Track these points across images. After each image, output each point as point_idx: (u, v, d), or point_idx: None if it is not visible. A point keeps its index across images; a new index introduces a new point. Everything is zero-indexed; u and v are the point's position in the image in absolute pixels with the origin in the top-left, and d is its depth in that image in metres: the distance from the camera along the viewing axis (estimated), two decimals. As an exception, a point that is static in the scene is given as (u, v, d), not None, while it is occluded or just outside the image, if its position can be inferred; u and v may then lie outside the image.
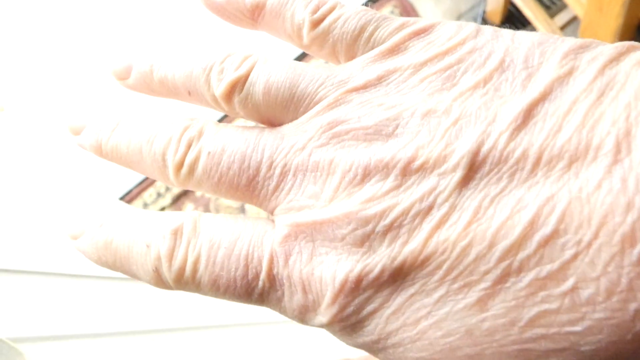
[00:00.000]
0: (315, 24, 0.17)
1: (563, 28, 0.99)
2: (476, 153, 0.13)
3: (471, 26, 0.15)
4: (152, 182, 1.24)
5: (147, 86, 0.18)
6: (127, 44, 1.28)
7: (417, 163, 0.13)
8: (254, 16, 0.18)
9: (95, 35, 1.30)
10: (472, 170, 0.13)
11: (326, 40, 0.17)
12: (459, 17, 1.23)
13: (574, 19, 0.99)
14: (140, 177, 1.23)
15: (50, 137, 1.23)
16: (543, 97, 0.13)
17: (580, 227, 0.12)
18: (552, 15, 1.01)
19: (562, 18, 1.01)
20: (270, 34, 0.18)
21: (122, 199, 1.33)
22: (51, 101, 1.27)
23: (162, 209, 1.37)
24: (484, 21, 1.21)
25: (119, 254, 0.16)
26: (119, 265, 0.16)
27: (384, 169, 0.14)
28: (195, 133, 0.16)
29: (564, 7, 1.05)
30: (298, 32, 0.17)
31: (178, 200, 1.21)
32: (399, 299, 0.13)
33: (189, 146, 0.16)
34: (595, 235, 0.12)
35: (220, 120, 1.14)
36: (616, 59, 0.13)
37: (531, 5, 0.98)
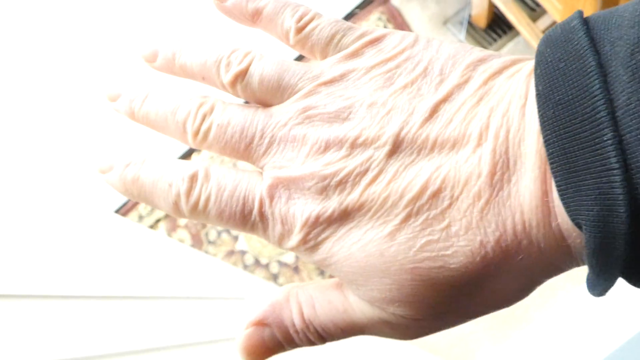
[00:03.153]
0: (299, 30, 0.22)
1: (545, 31, 1.02)
2: (397, 135, 0.19)
3: (411, 37, 0.21)
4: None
5: (170, 69, 0.24)
6: (133, 38, 1.29)
7: (360, 139, 0.19)
8: (254, 19, 0.23)
9: (95, 31, 1.31)
10: (395, 146, 0.19)
11: (306, 43, 0.22)
12: (445, 22, 1.25)
13: (554, 23, 1.02)
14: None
15: (48, 137, 1.24)
16: (445, 99, 0.19)
17: (454, 186, 0.18)
18: (534, 19, 1.04)
19: (544, 22, 1.04)
20: (265, 32, 0.24)
21: (118, 210, 1.33)
22: (50, 99, 1.27)
23: (158, 220, 1.39)
24: (470, 25, 1.23)
25: (144, 188, 0.22)
26: (143, 197, 0.22)
27: (339, 143, 0.20)
28: (208, 108, 0.22)
29: (546, 11, 1.08)
30: (286, 35, 0.23)
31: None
32: (342, 230, 0.19)
33: (202, 118, 0.22)
34: (461, 192, 0.18)
35: None
36: (499, 72, 0.19)
37: (514, 10, 1.01)
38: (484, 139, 0.18)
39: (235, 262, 1.34)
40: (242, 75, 0.22)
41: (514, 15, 1.00)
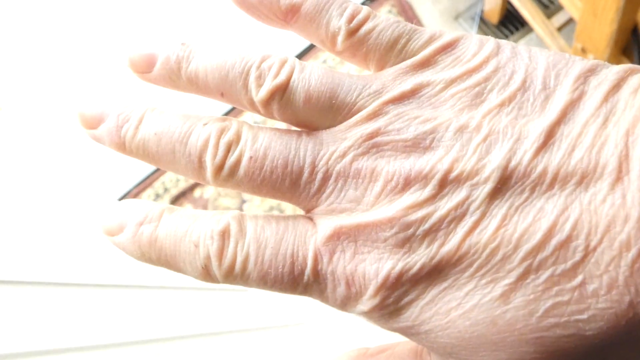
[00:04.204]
0: (351, 33, 0.18)
1: (560, 29, 0.99)
2: (505, 168, 0.15)
3: (491, 43, 0.17)
4: (150, 183, 1.23)
5: (172, 82, 0.18)
6: (131, 36, 1.27)
7: (452, 175, 0.15)
8: (287, 18, 0.18)
9: (95, 31, 1.29)
10: (501, 183, 0.15)
11: (360, 49, 0.18)
12: (456, 17, 1.23)
13: (570, 21, 0.99)
14: (138, 179, 1.23)
15: (47, 137, 1.23)
16: (559, 120, 0.15)
17: (589, 234, 0.14)
18: (549, 15, 1.01)
19: (559, 19, 1.01)
20: (300, 35, 0.19)
21: (120, 199, 1.32)
22: (49, 99, 1.26)
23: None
24: (482, 21, 1.21)
25: (164, 251, 0.17)
26: (164, 262, 0.17)
27: (423, 180, 0.15)
28: (233, 136, 0.17)
29: (561, 7, 1.05)
30: (332, 39, 0.18)
31: (176, 201, 1.20)
32: (433, 292, 0.15)
33: (228, 150, 0.17)
34: (600, 241, 0.14)
35: (226, 114, 1.13)
36: (617, 85, 0.15)
37: (528, 6, 0.98)
38: (625, 171, 0.14)
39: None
40: (281, 90, 0.17)
41: (528, 11, 0.98)
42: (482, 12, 1.20)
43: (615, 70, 0.16)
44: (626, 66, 0.16)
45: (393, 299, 0.15)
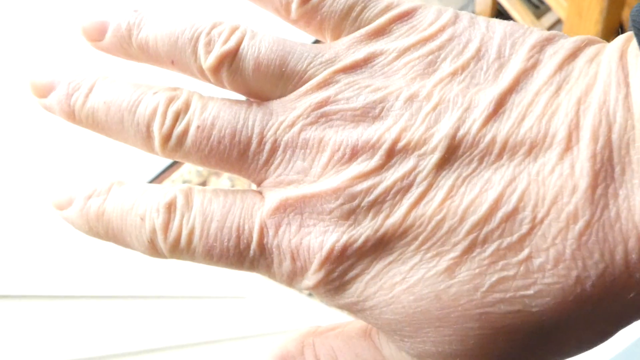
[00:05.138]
0: (305, 0, 0.17)
1: (549, 29, 1.01)
2: (453, 137, 0.15)
3: (450, 12, 0.17)
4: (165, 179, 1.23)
5: (124, 51, 0.18)
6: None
7: (400, 145, 0.15)
8: None
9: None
10: (448, 153, 0.15)
11: (314, 17, 0.17)
12: (448, 19, 1.24)
13: (559, 21, 1.01)
14: (149, 176, 1.24)
15: (47, 138, 1.24)
16: (511, 89, 0.15)
17: (536, 205, 0.14)
18: (538, 16, 1.03)
19: (548, 19, 1.03)
20: (256, 4, 0.18)
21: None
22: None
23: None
24: (473, 22, 1.22)
25: (111, 225, 0.17)
26: (111, 236, 0.17)
27: (370, 150, 0.15)
28: (182, 105, 0.17)
29: (550, 8, 1.07)
30: (287, 6, 0.17)
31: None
32: (378, 266, 0.15)
33: (176, 118, 0.16)
34: (547, 213, 0.13)
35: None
36: (573, 54, 0.15)
37: (518, 7, 1.00)
38: (575, 140, 0.14)
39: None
40: (229, 57, 0.16)
41: (517, 12, 1.00)
42: (473, 13, 1.22)
43: (572, 40, 0.16)
44: (584, 37, 0.16)
45: (338, 273, 0.15)
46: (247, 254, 0.16)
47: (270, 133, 0.16)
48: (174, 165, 1.23)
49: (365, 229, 0.15)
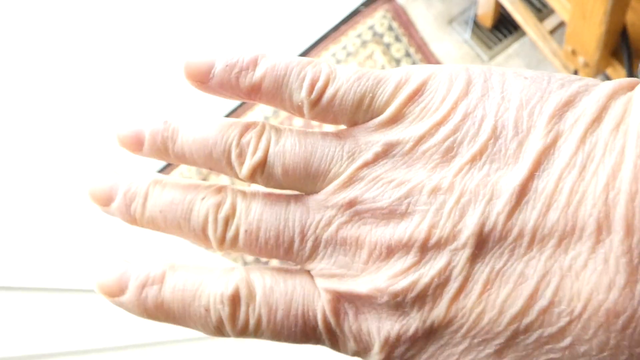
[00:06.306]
0: (314, 104, 0.18)
1: (552, 32, 1.01)
2: (479, 234, 0.15)
3: (461, 80, 0.16)
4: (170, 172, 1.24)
5: (163, 158, 0.19)
6: (123, 42, 1.28)
7: (431, 242, 0.16)
8: (251, 96, 0.19)
9: (92, 34, 1.30)
10: (478, 247, 0.15)
11: (328, 115, 0.18)
12: (450, 21, 1.24)
13: (562, 24, 1.01)
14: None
15: (47, 138, 1.23)
16: (532, 174, 0.15)
17: (572, 300, 0.14)
18: (541, 19, 1.03)
19: (551, 22, 1.03)
20: (269, 105, 0.19)
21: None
22: (49, 102, 1.27)
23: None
24: (476, 24, 1.22)
25: (172, 314, 0.18)
26: (172, 322, 0.18)
27: (404, 247, 0.16)
28: (229, 211, 0.18)
29: (553, 11, 1.06)
30: (299, 110, 0.18)
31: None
32: (432, 348, 0.16)
33: (225, 225, 0.18)
34: (584, 308, 0.14)
35: (234, 110, 1.10)
36: (597, 118, 0.14)
37: (521, 10, 1.00)
38: (606, 233, 0.13)
39: (235, 259, 1.33)
40: (260, 167, 0.18)
41: (520, 15, 0.99)
42: (475, 16, 1.22)
43: (596, 98, 0.15)
44: (611, 85, 0.15)
45: (397, 354, 0.16)
46: (313, 335, 0.17)
47: (310, 232, 0.17)
48: (171, 165, 1.23)
49: (414, 320, 0.16)
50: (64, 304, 0.52)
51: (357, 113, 0.18)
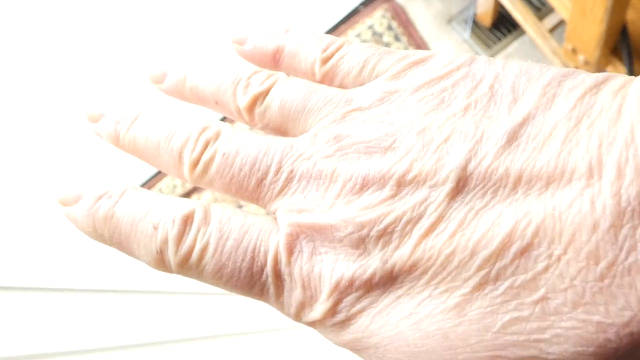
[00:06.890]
0: (325, 60, 0.19)
1: (552, 31, 1.01)
2: (464, 169, 0.14)
3: (466, 55, 0.17)
4: (153, 185, 1.24)
5: (179, 92, 0.20)
6: (129, 44, 1.28)
7: (410, 175, 0.15)
8: (275, 57, 0.20)
9: (94, 35, 1.30)
10: (460, 184, 0.14)
11: (335, 75, 0.19)
12: (449, 20, 1.24)
13: (562, 22, 1.01)
14: (140, 181, 1.24)
15: (46, 139, 1.23)
16: (526, 121, 0.14)
17: (552, 241, 0.13)
18: (541, 17, 1.03)
19: (551, 21, 1.02)
20: (290, 74, 0.20)
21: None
22: (52, 99, 1.27)
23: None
24: (475, 23, 1.22)
25: (118, 229, 0.17)
26: (116, 241, 0.17)
27: (381, 180, 0.15)
28: (212, 134, 0.18)
29: (553, 9, 1.06)
30: (311, 69, 0.19)
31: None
32: (386, 300, 0.14)
33: (205, 146, 0.17)
34: (565, 251, 0.13)
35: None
36: (596, 87, 0.14)
37: (520, 9, 0.99)
38: (597, 176, 0.13)
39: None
40: (261, 97, 0.18)
41: (520, 13, 0.99)
42: (474, 15, 1.22)
43: (594, 75, 0.15)
44: (606, 73, 0.15)
45: (345, 305, 0.15)
46: (258, 277, 0.16)
47: (288, 163, 0.16)
48: (151, 180, 1.23)
49: (374, 261, 0.14)
50: (64, 304, 0.52)
51: (362, 73, 0.18)
